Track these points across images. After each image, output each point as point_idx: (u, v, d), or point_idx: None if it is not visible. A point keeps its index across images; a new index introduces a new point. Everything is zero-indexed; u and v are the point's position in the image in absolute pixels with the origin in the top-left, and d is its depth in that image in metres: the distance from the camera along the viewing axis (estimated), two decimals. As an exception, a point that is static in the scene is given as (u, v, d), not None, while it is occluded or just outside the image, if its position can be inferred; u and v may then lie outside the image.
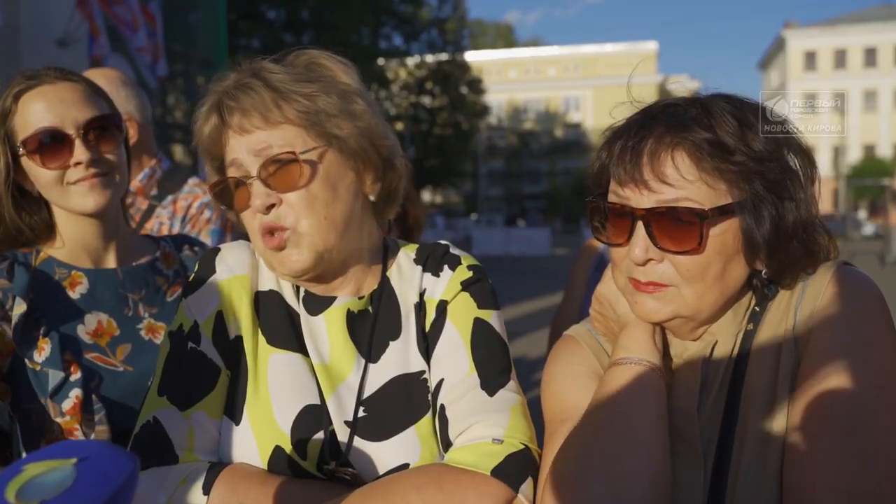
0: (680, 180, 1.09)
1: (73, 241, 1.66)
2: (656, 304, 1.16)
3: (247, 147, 1.24)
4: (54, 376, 1.51)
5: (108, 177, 1.61)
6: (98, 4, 8.47)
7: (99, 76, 2.31)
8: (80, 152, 1.55)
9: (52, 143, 1.54)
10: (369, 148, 1.28)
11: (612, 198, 1.18)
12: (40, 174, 1.57)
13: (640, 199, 1.13)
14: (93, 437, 1.51)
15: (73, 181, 1.57)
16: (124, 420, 1.52)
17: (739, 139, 1.10)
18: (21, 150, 1.56)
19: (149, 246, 1.81)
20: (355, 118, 1.26)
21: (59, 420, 1.51)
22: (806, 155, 1.16)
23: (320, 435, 1.23)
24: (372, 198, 1.33)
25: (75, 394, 1.50)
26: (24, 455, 1.53)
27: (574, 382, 1.28)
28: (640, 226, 1.13)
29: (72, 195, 1.58)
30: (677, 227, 1.10)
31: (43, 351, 1.52)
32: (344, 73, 1.30)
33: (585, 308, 2.75)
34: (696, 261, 1.11)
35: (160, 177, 2.68)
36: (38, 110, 1.55)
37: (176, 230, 2.55)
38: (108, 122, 1.62)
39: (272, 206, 1.24)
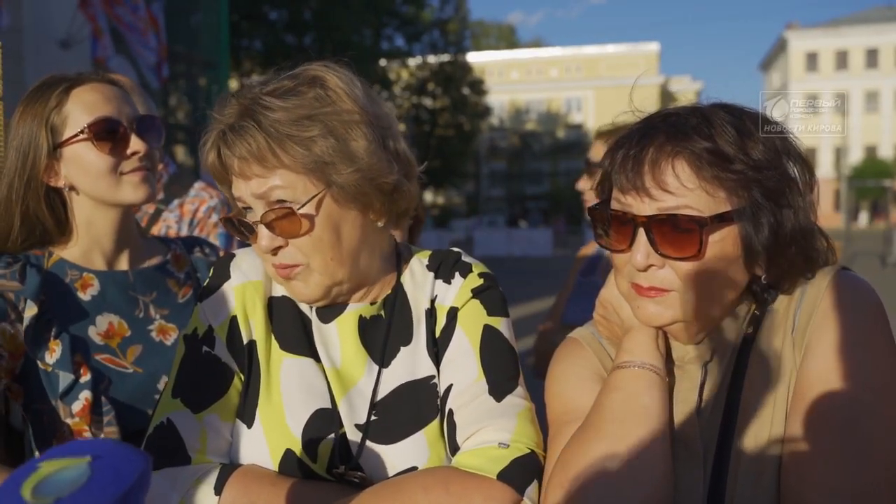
0: (680, 188, 1.11)
1: (87, 241, 1.68)
2: (658, 309, 1.17)
3: (248, 190, 1.24)
4: (65, 378, 1.52)
5: (152, 172, 1.69)
6: (100, 5, 8.49)
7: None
8: (136, 143, 1.63)
9: (110, 132, 1.61)
10: (370, 189, 1.26)
11: (614, 205, 1.20)
12: (94, 162, 1.61)
13: (641, 207, 1.14)
14: (102, 437, 1.52)
15: (126, 171, 1.63)
16: (133, 421, 1.54)
17: (739, 148, 1.12)
18: (82, 135, 1.60)
19: (159, 248, 1.83)
20: (355, 160, 1.23)
21: (68, 421, 1.52)
22: (804, 162, 1.18)
23: (331, 438, 1.25)
24: (380, 224, 1.32)
25: (85, 395, 1.52)
26: (36, 454, 1.55)
27: (577, 385, 1.30)
28: (641, 232, 1.15)
29: (123, 185, 1.64)
30: (677, 234, 1.12)
31: (54, 352, 1.54)
32: (348, 96, 1.25)
33: (567, 313, 2.74)
34: (696, 266, 1.13)
35: (166, 181, 2.69)
36: (95, 100, 1.62)
37: (184, 234, 2.57)
38: (154, 122, 1.71)
39: (278, 248, 1.25)
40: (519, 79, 77.58)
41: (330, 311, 1.35)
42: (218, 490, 1.18)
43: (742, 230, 1.13)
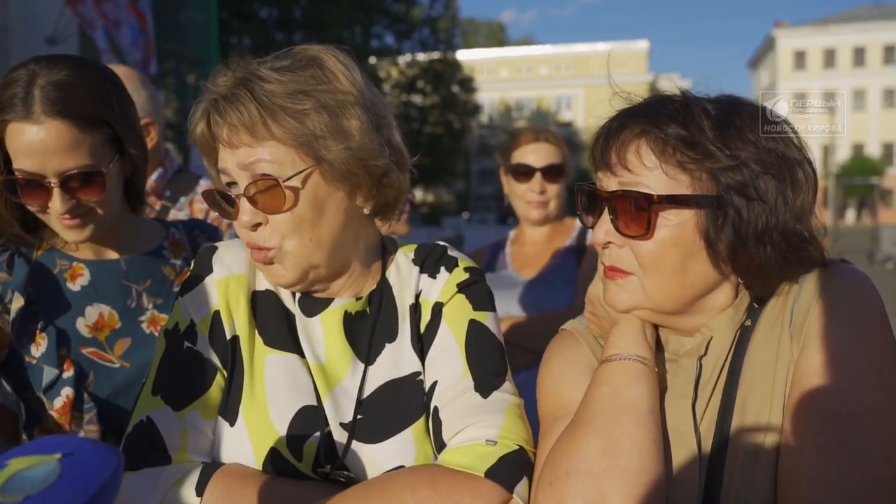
0: (639, 167, 1.13)
1: None
2: (620, 292, 1.18)
3: (235, 161, 1.21)
4: (48, 373, 1.49)
5: (88, 215, 1.53)
6: (91, 1, 8.43)
7: (121, 74, 2.26)
8: (56, 201, 1.47)
9: (30, 189, 1.47)
10: (359, 170, 1.23)
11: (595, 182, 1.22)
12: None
13: (608, 183, 1.17)
14: (81, 435, 1.49)
15: (53, 215, 1.51)
16: (116, 418, 1.51)
17: (713, 138, 1.11)
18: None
19: (156, 232, 1.76)
20: (347, 138, 1.21)
21: (52, 414, 1.50)
22: (800, 165, 1.15)
23: (316, 437, 1.22)
24: (366, 211, 1.30)
25: (66, 392, 1.49)
26: (24, 439, 1.53)
27: (569, 379, 1.28)
28: (604, 208, 1.17)
29: (52, 224, 1.54)
30: (631, 211, 1.13)
31: (39, 346, 1.51)
32: (345, 77, 1.24)
33: None
34: (650, 249, 1.13)
35: (171, 177, 2.67)
36: (21, 151, 1.45)
37: None
38: (90, 174, 1.49)
39: (258, 224, 1.22)
40: (509, 77, 77.58)
41: (314, 306, 1.32)
42: (200, 490, 1.15)
43: (702, 220, 1.12)
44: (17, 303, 1.50)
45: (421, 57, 38.92)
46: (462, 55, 49.08)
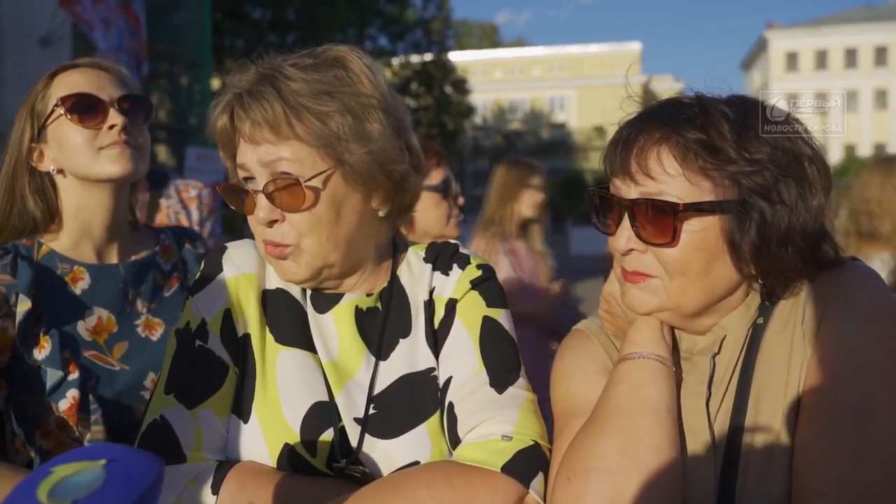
0: (662, 174, 1.12)
1: (77, 230, 1.65)
2: (641, 295, 1.18)
3: (255, 157, 1.22)
4: (52, 375, 1.50)
5: (136, 150, 1.65)
6: (88, 2, 8.41)
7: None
8: (114, 116, 1.61)
9: (88, 107, 1.61)
10: (379, 174, 1.25)
11: (610, 188, 1.21)
12: (72, 136, 1.60)
13: (627, 190, 1.16)
14: (88, 436, 1.51)
15: (104, 145, 1.61)
16: (119, 419, 1.53)
17: (733, 142, 1.11)
18: (57, 111, 1.60)
19: (149, 239, 1.81)
20: (368, 141, 1.22)
21: (55, 416, 1.50)
22: (817, 163, 1.16)
23: (330, 432, 1.23)
24: (381, 214, 1.31)
25: (72, 394, 1.50)
26: (17, 438, 1.53)
27: (584, 378, 1.29)
28: (625, 216, 1.16)
29: (101, 159, 1.61)
30: (655, 220, 1.13)
31: (43, 349, 1.51)
32: (368, 80, 1.26)
33: None
34: (676, 254, 1.13)
35: None
36: (76, 80, 1.63)
37: (195, 218, 2.66)
38: (140, 103, 1.69)
39: (275, 221, 1.22)
40: (502, 78, 77.64)
41: (325, 302, 1.33)
42: (215, 489, 1.15)
43: (726, 224, 1.12)
44: (24, 305, 1.51)
45: (414, 59, 38.92)
46: (455, 56, 49.15)
